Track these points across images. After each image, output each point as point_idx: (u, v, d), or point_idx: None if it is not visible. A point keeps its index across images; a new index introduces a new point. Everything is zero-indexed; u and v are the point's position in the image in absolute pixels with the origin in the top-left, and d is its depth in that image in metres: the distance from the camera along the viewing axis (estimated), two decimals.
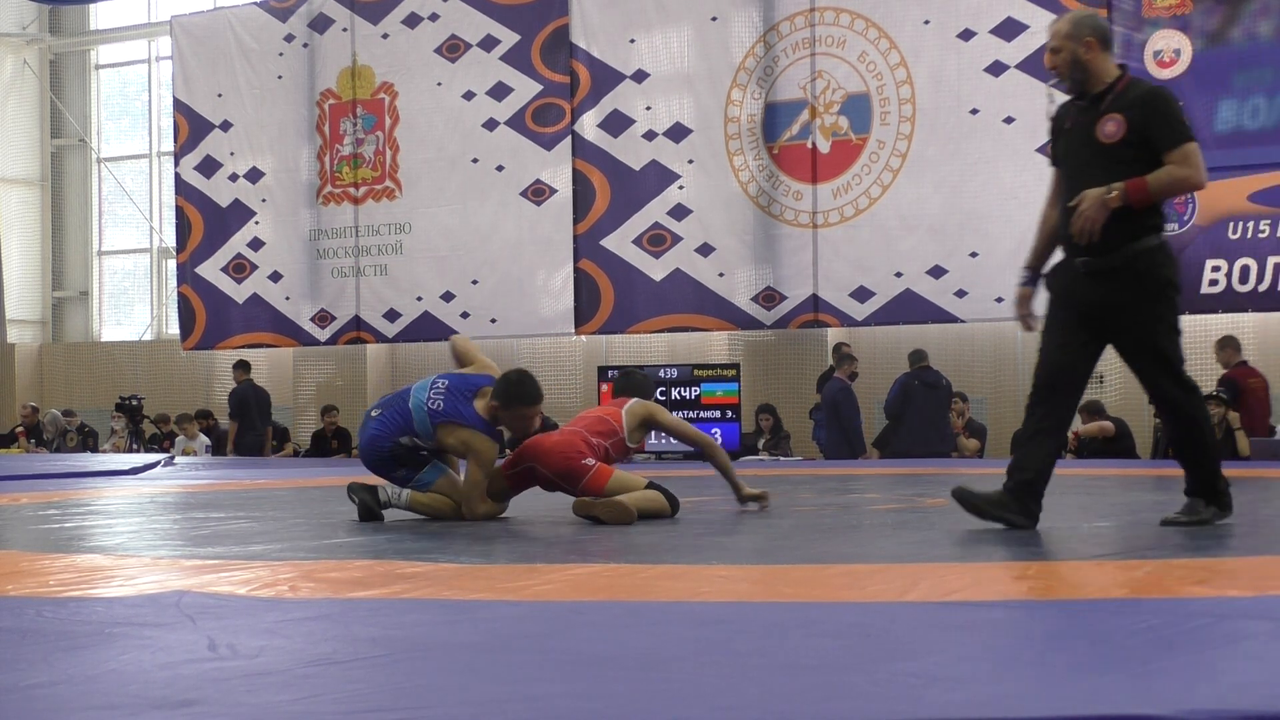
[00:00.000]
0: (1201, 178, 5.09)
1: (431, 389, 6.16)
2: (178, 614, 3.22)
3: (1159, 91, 5.18)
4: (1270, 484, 8.12)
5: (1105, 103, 5.15)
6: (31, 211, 21.50)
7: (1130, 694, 2.25)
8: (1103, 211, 4.99)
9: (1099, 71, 5.18)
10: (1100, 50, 5.18)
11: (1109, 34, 5.29)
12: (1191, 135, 5.06)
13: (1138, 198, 4.99)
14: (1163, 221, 5.15)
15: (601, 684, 2.44)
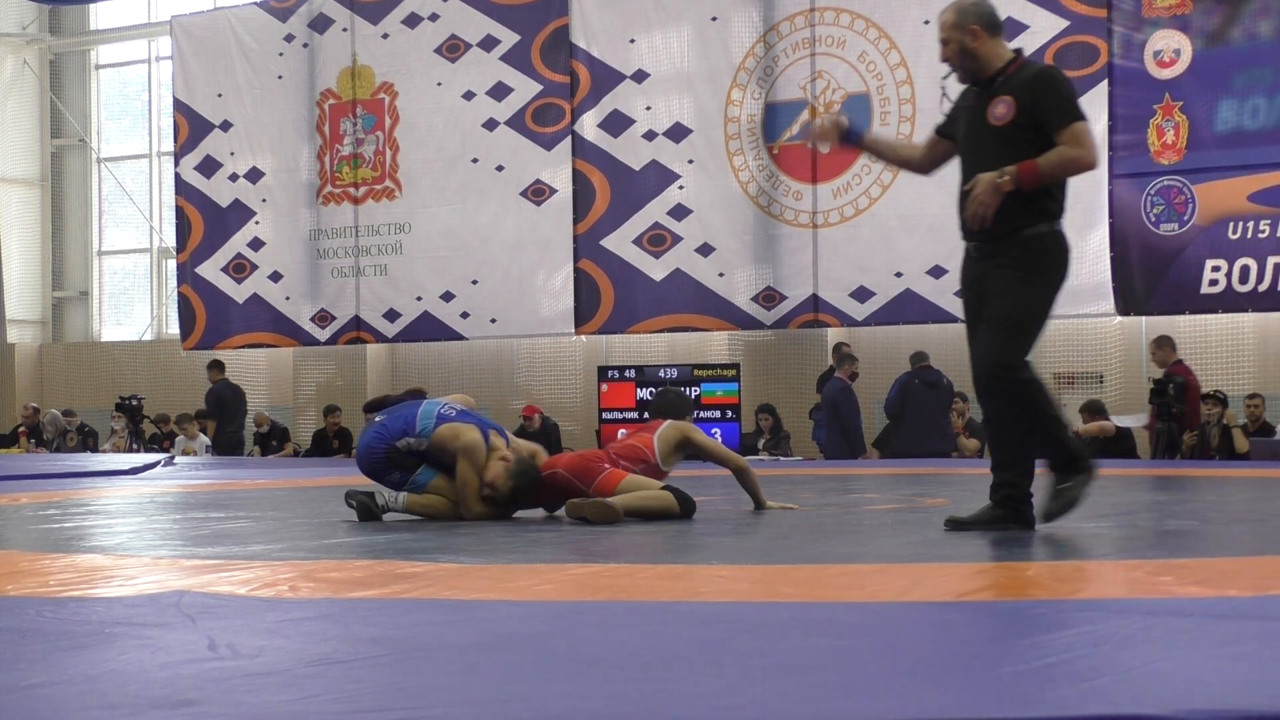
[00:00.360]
0: (1092, 157, 4.97)
1: (446, 405, 6.19)
2: (178, 614, 3.22)
3: (1047, 71, 5.10)
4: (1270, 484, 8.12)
5: (995, 86, 5.08)
6: (31, 211, 21.50)
7: (1130, 694, 2.25)
8: (995, 196, 4.91)
9: (989, 57, 5.14)
10: (988, 36, 5.15)
11: (996, 19, 5.20)
12: (1080, 115, 4.96)
13: (1028, 180, 4.90)
14: (1057, 207, 5.04)
15: (601, 684, 2.44)
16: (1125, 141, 13.60)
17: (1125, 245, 13.57)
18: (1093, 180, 13.75)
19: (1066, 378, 14.58)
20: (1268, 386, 13.21)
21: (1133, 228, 13.54)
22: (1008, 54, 5.16)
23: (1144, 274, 13.55)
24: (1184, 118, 13.36)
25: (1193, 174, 13.30)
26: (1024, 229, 4.97)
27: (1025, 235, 4.97)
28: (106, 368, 20.23)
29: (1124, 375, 14.18)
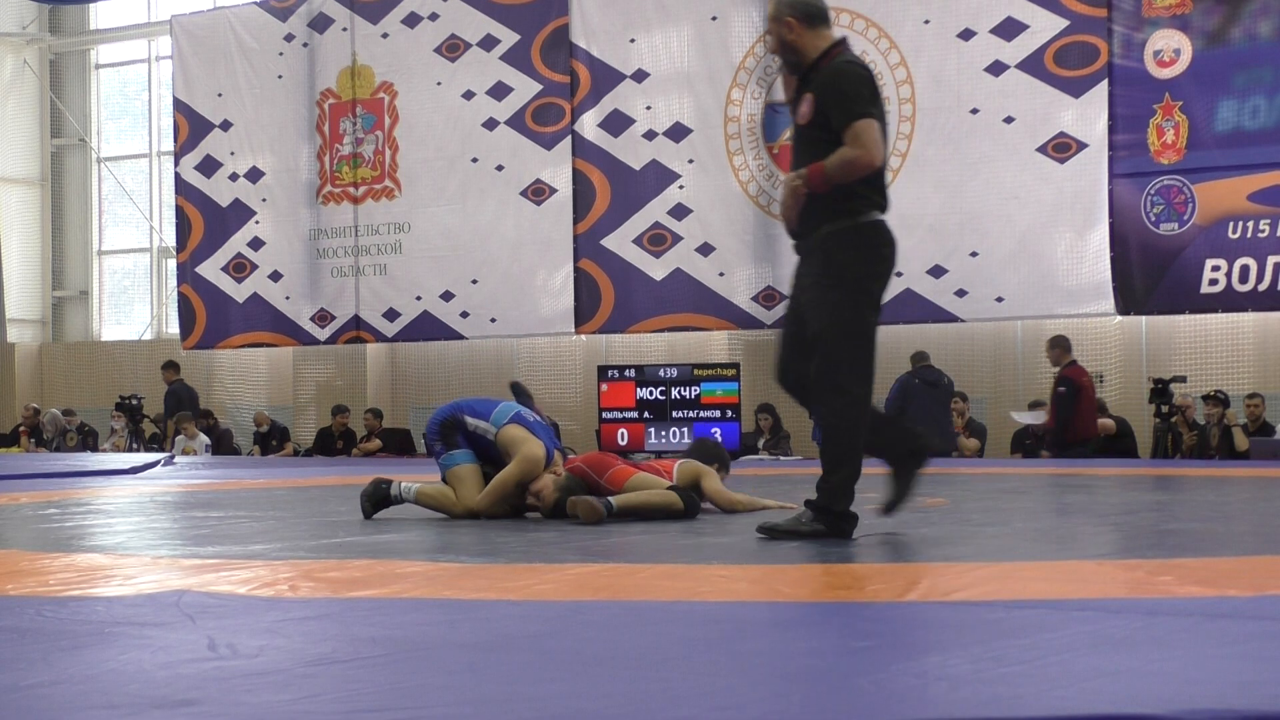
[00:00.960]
0: (872, 156, 4.78)
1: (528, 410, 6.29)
2: (178, 613, 3.22)
3: (839, 68, 4.92)
4: (1270, 484, 8.12)
5: (805, 82, 4.98)
6: (31, 211, 21.50)
7: (1130, 694, 2.25)
8: (794, 198, 4.85)
9: (806, 50, 4.98)
10: (804, 28, 4.96)
11: (815, 10, 5.00)
12: (866, 112, 4.79)
13: (817, 182, 4.80)
14: (863, 203, 4.86)
15: (601, 684, 2.44)
16: (1125, 141, 13.60)
17: (1125, 245, 13.57)
18: (1093, 180, 13.77)
19: None
20: (1268, 386, 13.21)
21: (1133, 227, 13.54)
22: (823, 47, 4.96)
23: (1144, 274, 13.55)
24: (1184, 117, 13.36)
25: (1193, 174, 13.30)
26: (824, 225, 4.86)
27: (825, 232, 4.86)
28: (106, 367, 20.23)
29: (1124, 375, 14.18)
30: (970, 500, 6.97)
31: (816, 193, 4.81)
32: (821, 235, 4.88)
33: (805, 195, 4.83)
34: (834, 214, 4.84)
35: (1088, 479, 8.77)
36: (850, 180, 4.81)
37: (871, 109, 4.83)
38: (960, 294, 14.37)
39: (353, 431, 16.63)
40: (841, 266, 4.87)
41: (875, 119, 4.81)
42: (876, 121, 4.81)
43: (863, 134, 4.77)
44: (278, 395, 18.85)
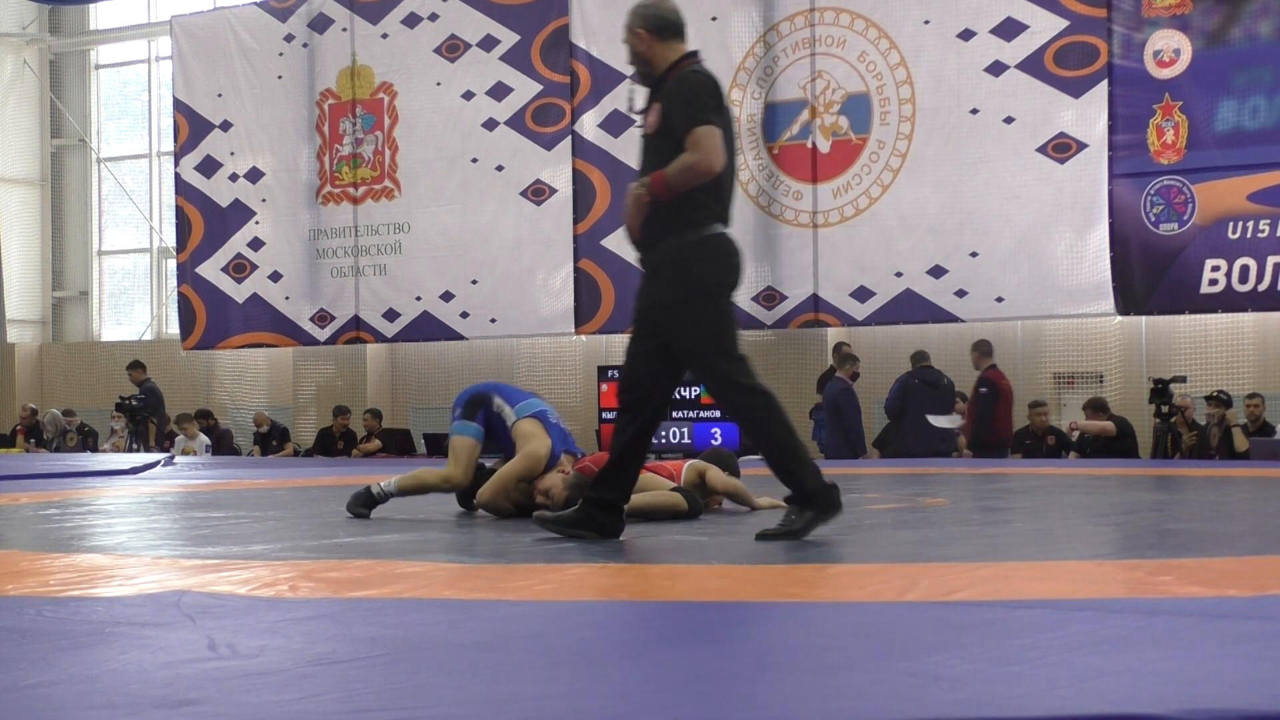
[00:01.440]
0: (711, 161, 4.73)
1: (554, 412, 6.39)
2: (178, 614, 3.22)
3: (684, 76, 4.90)
4: (1270, 484, 8.12)
5: (655, 92, 5.00)
6: (31, 211, 21.50)
7: (1130, 693, 2.25)
8: (637, 207, 4.84)
9: (656, 61, 4.99)
10: (655, 40, 4.97)
11: (665, 21, 4.98)
12: (707, 119, 4.76)
13: (659, 190, 4.78)
14: (706, 215, 4.83)
15: (601, 684, 2.44)
16: (1125, 141, 13.60)
17: (1125, 245, 13.57)
18: (1093, 180, 13.77)
19: (1066, 378, 14.58)
20: (1268, 386, 13.21)
21: (1132, 227, 13.54)
22: (674, 58, 4.95)
23: (1144, 274, 13.55)
24: (1184, 117, 13.36)
25: (1192, 174, 13.30)
26: (667, 239, 4.85)
27: (667, 246, 4.85)
28: (106, 368, 20.22)
29: (1124, 375, 14.18)
30: (970, 500, 6.98)
31: (660, 201, 4.80)
32: (668, 249, 4.86)
33: (649, 204, 4.82)
34: (678, 226, 4.83)
35: (1088, 479, 8.77)
36: (690, 186, 4.78)
37: (713, 116, 4.80)
38: (960, 294, 14.37)
39: (353, 432, 16.63)
40: (697, 279, 4.85)
41: (717, 126, 4.78)
42: (718, 129, 4.77)
43: (703, 139, 4.75)
44: (278, 395, 18.85)
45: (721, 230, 4.88)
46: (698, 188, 4.77)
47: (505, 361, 17.13)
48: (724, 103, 4.91)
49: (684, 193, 4.77)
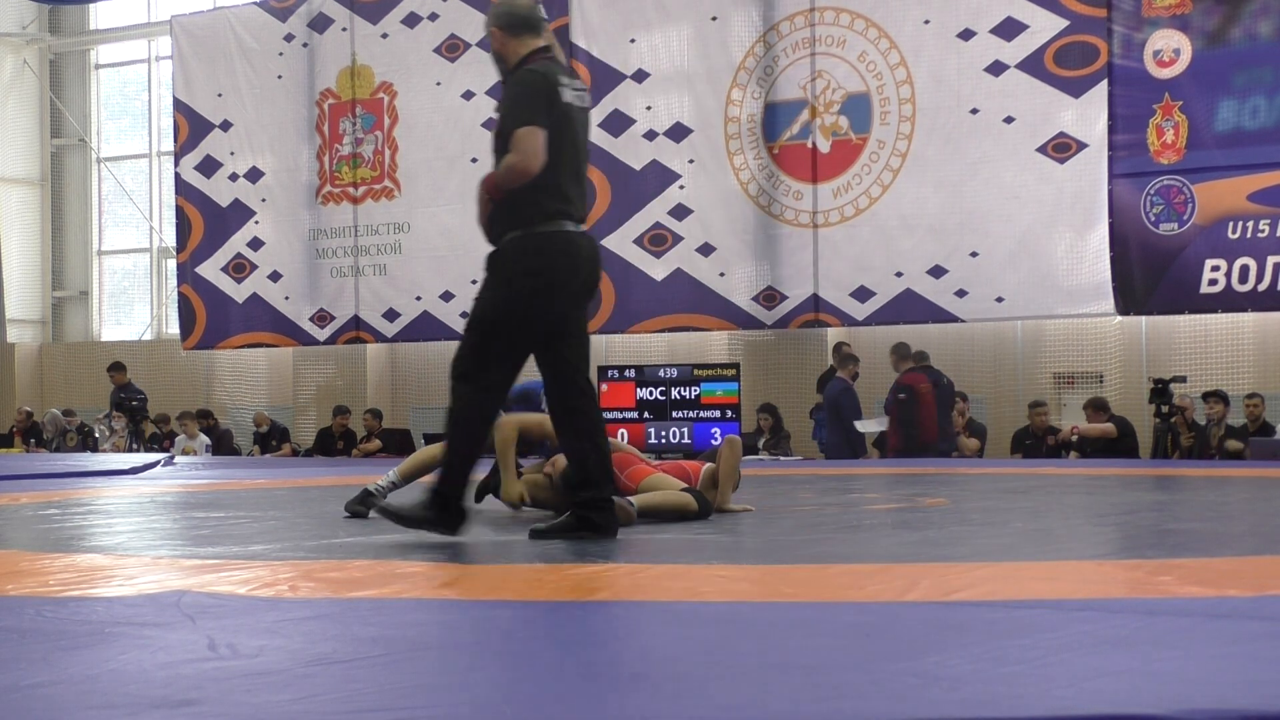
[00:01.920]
0: (527, 164, 4.77)
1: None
2: (178, 614, 3.22)
3: (519, 75, 4.95)
4: (1270, 484, 8.12)
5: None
6: (31, 211, 21.50)
7: (1130, 693, 2.25)
8: (480, 205, 4.91)
9: (509, 58, 5.03)
10: (508, 37, 5.02)
11: (516, 18, 5.04)
12: (528, 119, 4.79)
13: (489, 190, 4.86)
14: (539, 212, 4.85)
15: (602, 684, 2.44)
16: (1125, 141, 13.60)
17: (1125, 245, 13.57)
18: (1092, 180, 13.77)
19: (1066, 378, 14.58)
20: (1267, 386, 13.21)
21: (1132, 227, 13.54)
22: (525, 54, 5.01)
23: (1144, 274, 13.55)
24: (1184, 117, 13.36)
25: (1192, 174, 13.30)
26: (503, 235, 4.91)
27: (503, 242, 4.91)
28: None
29: (1124, 375, 14.18)
30: (970, 500, 6.98)
31: (494, 199, 4.87)
32: (501, 244, 4.93)
33: (488, 202, 4.90)
34: (513, 222, 4.88)
35: (1088, 479, 8.77)
36: (514, 187, 4.83)
37: (537, 117, 4.82)
38: (960, 294, 14.37)
39: (353, 432, 16.63)
40: (508, 271, 4.90)
41: (539, 126, 4.79)
42: (540, 129, 4.79)
43: (522, 141, 4.78)
44: (278, 395, 18.85)
45: (562, 228, 4.90)
46: (534, 186, 4.81)
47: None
48: (558, 100, 4.90)
49: (519, 191, 4.82)
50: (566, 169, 4.88)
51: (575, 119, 4.95)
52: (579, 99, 5.01)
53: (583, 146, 5.01)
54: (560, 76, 4.95)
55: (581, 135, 5.00)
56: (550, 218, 4.87)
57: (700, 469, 6.28)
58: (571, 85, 4.98)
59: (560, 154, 4.85)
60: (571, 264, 4.93)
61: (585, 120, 5.06)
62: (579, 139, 4.97)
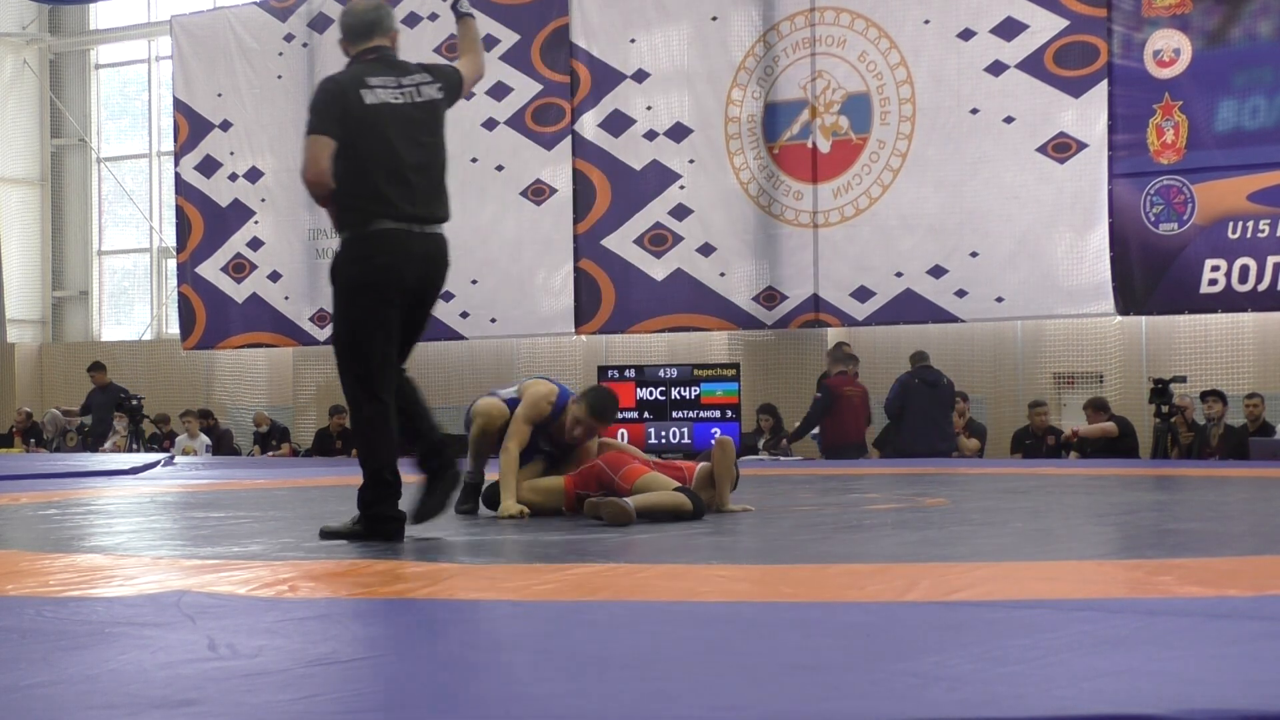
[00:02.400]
0: (305, 171, 4.91)
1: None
2: (178, 614, 3.22)
3: (321, 83, 5.13)
4: (1270, 484, 8.12)
5: None
6: (31, 211, 21.50)
7: (1130, 693, 2.26)
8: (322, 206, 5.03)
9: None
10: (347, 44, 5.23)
11: (353, 26, 5.22)
12: (314, 127, 4.91)
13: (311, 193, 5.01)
14: (358, 217, 4.95)
15: (601, 684, 2.44)
16: (1125, 141, 13.60)
17: (1125, 245, 13.57)
18: (1092, 180, 13.77)
19: (1066, 378, 14.58)
20: (1267, 386, 13.21)
21: (1132, 227, 13.54)
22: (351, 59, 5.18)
23: (1144, 274, 13.54)
24: (1184, 117, 13.36)
25: (1192, 174, 13.30)
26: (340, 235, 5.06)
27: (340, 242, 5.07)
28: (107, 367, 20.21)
29: (1124, 375, 14.18)
30: (970, 500, 6.98)
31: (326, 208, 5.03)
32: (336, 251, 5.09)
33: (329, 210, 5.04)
34: (341, 225, 5.01)
35: (1088, 479, 8.77)
36: (313, 194, 5.00)
37: (322, 125, 4.89)
38: (960, 294, 14.37)
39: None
40: (339, 279, 5.00)
41: (322, 134, 4.88)
42: (322, 137, 4.87)
43: (305, 149, 4.92)
44: (278, 395, 18.84)
45: (389, 226, 4.97)
46: (349, 191, 4.92)
47: (505, 361, 17.12)
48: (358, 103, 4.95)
49: (339, 198, 4.93)
50: (379, 170, 4.92)
51: (387, 118, 4.96)
52: (404, 94, 5.04)
53: (403, 144, 4.99)
54: (370, 78, 5.00)
55: (401, 133, 4.99)
56: (367, 220, 4.94)
57: (695, 468, 6.29)
58: (389, 84, 5.01)
59: (370, 157, 4.91)
60: (391, 261, 4.96)
61: (411, 116, 5.04)
62: (394, 138, 4.96)
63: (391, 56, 5.15)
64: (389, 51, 5.15)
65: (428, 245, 5.10)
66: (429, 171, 5.13)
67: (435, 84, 5.17)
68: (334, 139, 4.87)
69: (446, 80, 5.27)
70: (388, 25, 5.20)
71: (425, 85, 5.12)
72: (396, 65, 5.12)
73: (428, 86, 5.13)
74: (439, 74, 5.24)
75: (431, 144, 5.15)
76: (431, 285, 5.16)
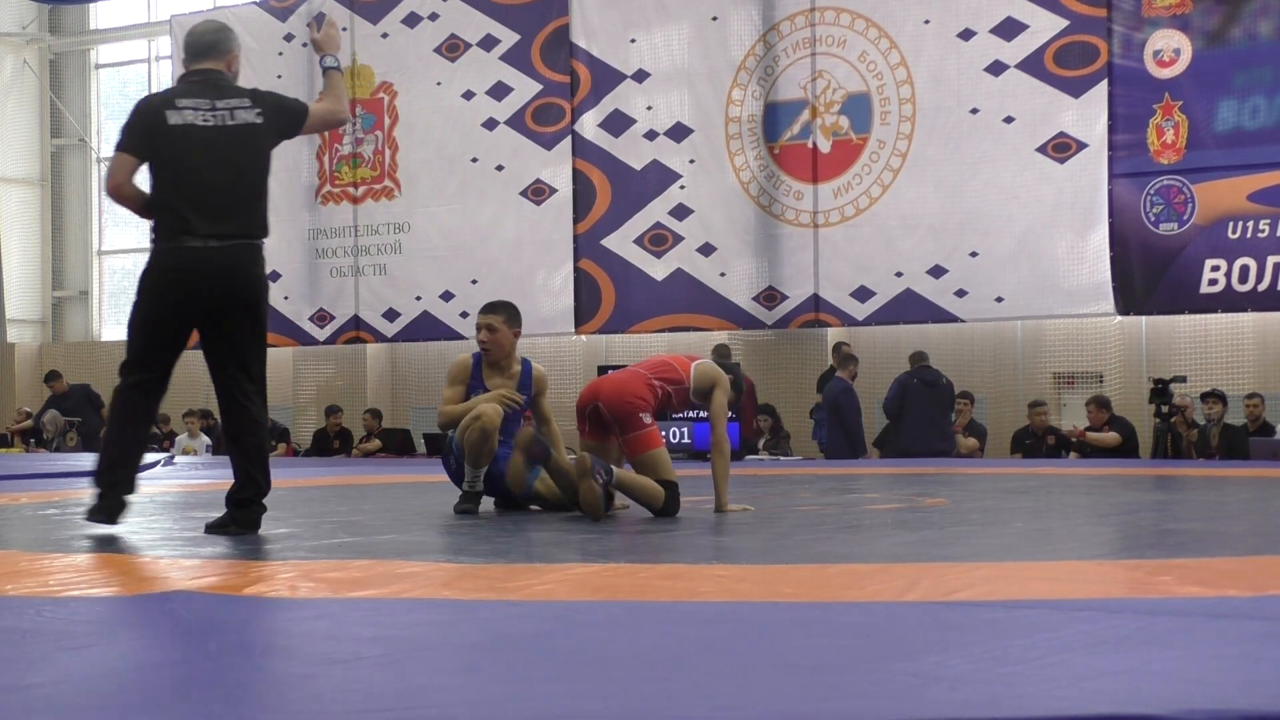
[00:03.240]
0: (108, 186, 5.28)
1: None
2: (178, 614, 3.22)
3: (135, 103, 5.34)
4: (1270, 484, 8.12)
5: None
6: (31, 211, 21.50)
7: (1130, 693, 2.25)
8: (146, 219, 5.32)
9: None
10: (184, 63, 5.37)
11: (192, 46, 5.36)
12: (121, 145, 5.18)
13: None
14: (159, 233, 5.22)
15: (601, 684, 2.44)
16: (1125, 141, 13.60)
17: (1125, 245, 13.57)
18: (1093, 180, 13.77)
19: (1066, 378, 14.58)
20: (1268, 386, 13.21)
21: (1132, 227, 13.54)
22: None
23: (1144, 274, 13.55)
24: (1184, 117, 13.36)
25: (1192, 174, 13.30)
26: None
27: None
28: (107, 368, 20.19)
29: (1124, 375, 14.18)
30: (970, 500, 6.98)
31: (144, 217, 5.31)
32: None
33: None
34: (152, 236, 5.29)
35: (1088, 479, 8.77)
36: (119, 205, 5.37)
37: (128, 142, 5.16)
38: (960, 294, 14.37)
39: (348, 431, 16.61)
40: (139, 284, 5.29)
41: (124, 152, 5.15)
42: (123, 154, 5.15)
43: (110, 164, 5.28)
44: (278, 396, 18.83)
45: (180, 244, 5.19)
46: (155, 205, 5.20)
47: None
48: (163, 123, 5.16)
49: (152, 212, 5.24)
50: (180, 190, 5.15)
51: (191, 139, 5.15)
52: (215, 117, 5.23)
53: (206, 165, 5.21)
54: (181, 99, 5.20)
55: (204, 153, 5.20)
56: (170, 236, 5.20)
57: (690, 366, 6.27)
58: (201, 105, 5.21)
59: (171, 174, 5.16)
60: (179, 279, 5.17)
61: (218, 138, 5.23)
62: (196, 158, 5.17)
63: (217, 79, 5.31)
64: (216, 75, 5.32)
65: (225, 259, 5.26)
66: (232, 191, 5.31)
67: (255, 109, 5.35)
68: (137, 156, 5.16)
69: (276, 108, 5.48)
70: (224, 49, 5.37)
71: (242, 110, 5.31)
72: (217, 88, 5.28)
73: (245, 111, 5.31)
74: (266, 101, 5.42)
75: (240, 165, 5.35)
76: (233, 297, 5.30)
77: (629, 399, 6.13)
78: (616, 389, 6.20)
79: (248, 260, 5.34)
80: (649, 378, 6.23)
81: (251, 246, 5.36)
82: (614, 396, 6.18)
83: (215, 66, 5.31)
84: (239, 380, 5.38)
